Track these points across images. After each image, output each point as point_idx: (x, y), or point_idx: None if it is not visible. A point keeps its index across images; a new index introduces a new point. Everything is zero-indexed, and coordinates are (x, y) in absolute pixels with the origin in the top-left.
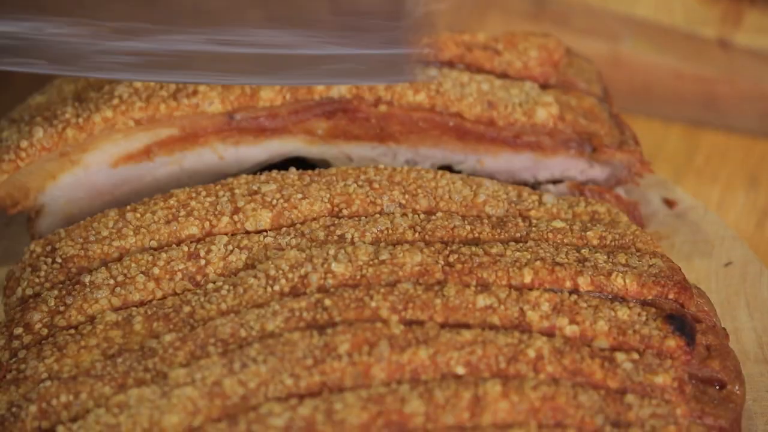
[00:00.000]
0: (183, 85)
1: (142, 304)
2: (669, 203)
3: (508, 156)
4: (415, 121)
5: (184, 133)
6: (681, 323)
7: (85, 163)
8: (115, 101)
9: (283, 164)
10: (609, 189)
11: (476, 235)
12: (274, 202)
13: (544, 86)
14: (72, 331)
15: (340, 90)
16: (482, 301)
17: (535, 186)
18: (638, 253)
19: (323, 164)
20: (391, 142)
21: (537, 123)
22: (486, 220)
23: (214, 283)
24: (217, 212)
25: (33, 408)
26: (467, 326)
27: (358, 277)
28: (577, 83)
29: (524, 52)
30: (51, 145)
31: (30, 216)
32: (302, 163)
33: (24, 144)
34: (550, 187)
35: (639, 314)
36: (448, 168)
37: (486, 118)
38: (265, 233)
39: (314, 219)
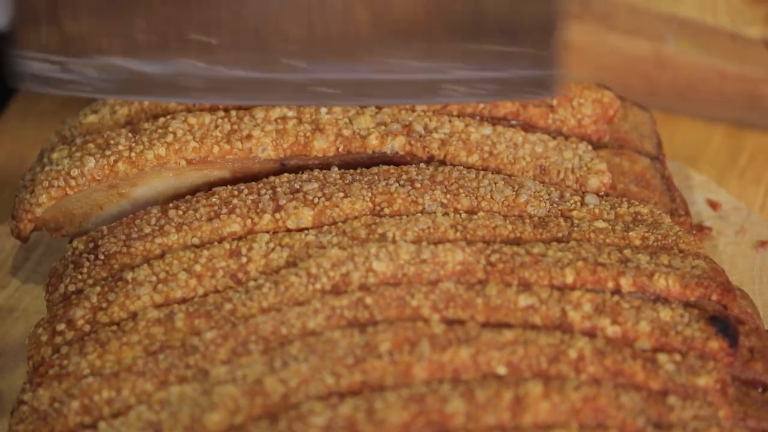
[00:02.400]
0: (237, 128)
1: (183, 301)
2: (712, 205)
3: None
4: None
5: (234, 176)
6: (724, 325)
7: (133, 197)
8: (169, 138)
9: None
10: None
11: (518, 234)
12: (316, 200)
13: (598, 145)
14: (114, 327)
15: (394, 146)
16: (524, 300)
17: None
18: (681, 254)
19: None
20: None
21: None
22: (528, 220)
23: (256, 280)
24: (258, 210)
25: (75, 404)
26: (508, 326)
27: (400, 275)
28: (631, 140)
29: (578, 108)
30: (101, 177)
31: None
32: None
33: (75, 172)
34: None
35: (681, 315)
36: None
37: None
38: (306, 231)
39: (356, 218)
